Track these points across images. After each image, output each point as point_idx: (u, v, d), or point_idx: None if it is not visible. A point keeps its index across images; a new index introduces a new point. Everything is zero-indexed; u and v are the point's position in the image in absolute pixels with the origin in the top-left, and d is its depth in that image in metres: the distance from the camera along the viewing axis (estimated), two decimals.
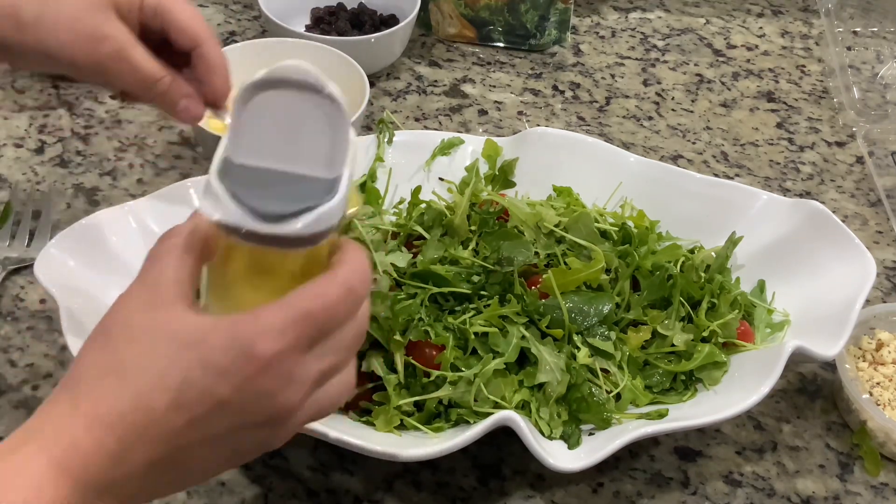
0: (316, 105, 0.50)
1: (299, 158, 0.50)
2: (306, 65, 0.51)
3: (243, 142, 0.50)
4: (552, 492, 0.74)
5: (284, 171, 0.50)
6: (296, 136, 0.50)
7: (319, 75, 0.51)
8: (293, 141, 0.50)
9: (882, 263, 0.94)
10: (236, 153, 0.50)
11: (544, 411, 0.71)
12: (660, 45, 1.20)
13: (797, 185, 1.02)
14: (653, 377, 0.75)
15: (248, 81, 0.51)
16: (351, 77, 0.99)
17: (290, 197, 0.49)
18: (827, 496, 0.76)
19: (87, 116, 1.02)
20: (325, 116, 0.50)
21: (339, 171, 0.50)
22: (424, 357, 0.71)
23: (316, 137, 0.50)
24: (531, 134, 0.89)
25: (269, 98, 0.51)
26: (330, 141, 0.50)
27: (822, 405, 0.82)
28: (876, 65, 1.16)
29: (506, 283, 0.75)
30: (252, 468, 0.74)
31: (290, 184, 0.50)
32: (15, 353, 0.80)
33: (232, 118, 0.51)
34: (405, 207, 0.85)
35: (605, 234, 0.81)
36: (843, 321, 0.74)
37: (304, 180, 0.50)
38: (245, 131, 0.50)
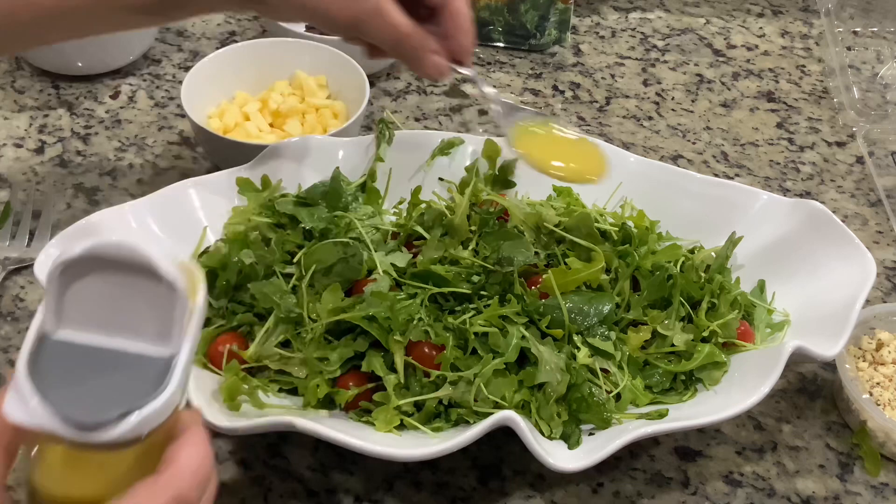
0: (146, 283, 0.46)
1: (128, 336, 0.46)
2: (132, 243, 0.46)
3: (63, 317, 0.46)
4: (552, 492, 0.74)
5: (110, 350, 0.46)
6: (124, 313, 0.46)
7: (149, 255, 0.46)
8: (121, 318, 0.46)
9: (882, 263, 0.94)
10: (55, 329, 0.46)
11: (544, 411, 0.71)
12: (660, 45, 1.20)
13: (797, 185, 1.02)
14: (653, 377, 0.75)
15: (65, 256, 0.46)
16: (351, 77, 0.99)
17: (111, 394, 0.44)
18: (827, 496, 0.76)
19: (87, 116, 1.02)
20: (158, 295, 0.46)
21: (175, 348, 0.46)
22: (424, 357, 0.71)
23: (147, 315, 0.46)
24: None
25: (92, 274, 0.46)
26: (163, 319, 0.46)
27: (822, 405, 0.82)
28: (876, 65, 1.16)
29: (506, 283, 0.75)
30: (252, 468, 0.74)
31: (115, 370, 0.45)
32: (15, 353, 0.80)
33: (47, 293, 0.46)
34: (405, 207, 0.85)
35: (605, 234, 0.81)
36: (843, 321, 0.74)
37: (134, 360, 0.46)
38: (65, 307, 0.46)
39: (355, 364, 0.72)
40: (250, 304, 0.76)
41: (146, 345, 0.46)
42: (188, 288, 0.47)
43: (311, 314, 0.74)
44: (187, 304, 0.47)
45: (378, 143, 0.87)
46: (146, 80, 1.07)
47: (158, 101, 1.05)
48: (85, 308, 0.46)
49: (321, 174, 0.84)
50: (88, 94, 1.04)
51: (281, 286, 0.75)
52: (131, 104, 1.04)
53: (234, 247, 0.78)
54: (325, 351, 0.72)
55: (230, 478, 0.73)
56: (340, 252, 0.76)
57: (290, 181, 0.84)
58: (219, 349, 0.73)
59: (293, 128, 0.96)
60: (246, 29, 1.15)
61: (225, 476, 0.73)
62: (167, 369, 0.46)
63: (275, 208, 0.81)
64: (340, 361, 0.72)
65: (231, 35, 1.14)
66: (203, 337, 0.74)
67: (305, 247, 0.78)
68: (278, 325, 0.74)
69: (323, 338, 0.73)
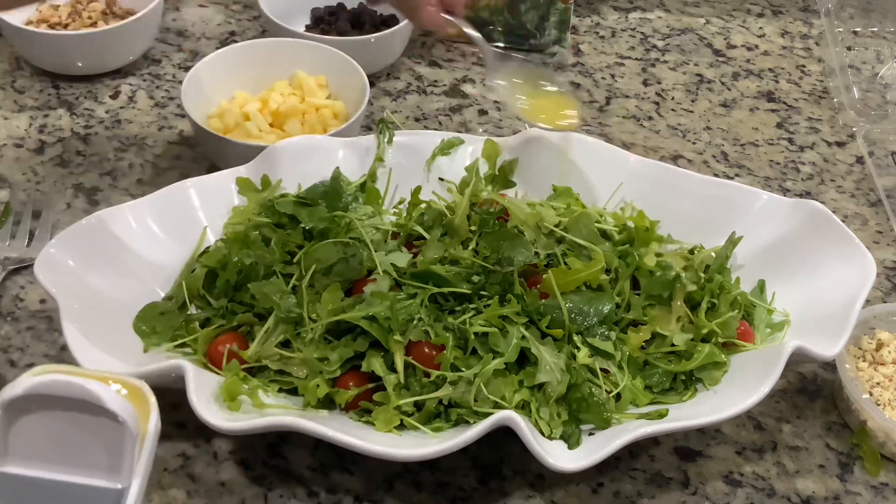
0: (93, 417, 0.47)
1: (77, 470, 0.46)
2: (76, 379, 0.47)
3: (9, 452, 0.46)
4: (552, 492, 0.74)
5: (60, 482, 0.46)
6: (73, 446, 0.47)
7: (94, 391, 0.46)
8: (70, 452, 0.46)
9: (882, 263, 0.94)
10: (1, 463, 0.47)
11: (544, 411, 0.71)
12: (660, 45, 1.20)
13: (797, 185, 1.02)
14: (653, 377, 0.75)
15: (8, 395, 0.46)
16: (351, 77, 0.99)
17: None
18: (827, 496, 0.76)
19: (87, 116, 1.02)
20: (106, 428, 0.47)
21: (126, 481, 0.47)
22: (424, 357, 0.71)
23: (97, 448, 0.47)
24: (531, 134, 0.89)
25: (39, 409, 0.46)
26: (113, 451, 0.47)
27: (822, 405, 0.82)
28: (876, 65, 1.16)
29: (506, 283, 0.75)
30: (252, 468, 0.74)
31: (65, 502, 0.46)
32: (15, 353, 0.80)
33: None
34: (405, 207, 0.85)
35: (606, 234, 0.81)
36: (843, 321, 0.74)
37: (85, 493, 0.46)
38: (10, 442, 0.46)
39: (355, 364, 0.72)
40: (250, 304, 0.76)
41: (96, 478, 0.46)
42: (139, 415, 0.48)
43: (311, 314, 0.74)
44: (137, 435, 0.47)
45: (378, 143, 0.87)
46: (146, 80, 1.07)
47: (158, 101, 1.05)
48: (32, 442, 0.46)
49: (321, 174, 0.84)
50: (88, 94, 1.04)
51: (281, 286, 0.75)
52: (131, 104, 1.04)
53: (234, 247, 0.78)
54: (325, 351, 0.72)
55: (230, 478, 0.73)
56: (340, 252, 0.76)
57: (290, 181, 0.84)
58: (219, 349, 0.73)
59: (293, 128, 0.96)
60: (246, 29, 1.15)
61: (225, 476, 0.73)
62: (118, 501, 0.46)
63: (275, 208, 0.81)
64: (340, 361, 0.72)
65: (231, 35, 1.14)
66: (203, 337, 0.74)
67: (305, 247, 0.78)
68: (278, 325, 0.74)
69: (323, 338, 0.73)
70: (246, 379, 0.71)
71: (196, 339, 0.75)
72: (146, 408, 0.49)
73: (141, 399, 0.49)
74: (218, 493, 0.72)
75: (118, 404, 0.47)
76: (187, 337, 0.75)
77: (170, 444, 0.74)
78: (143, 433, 0.48)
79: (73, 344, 0.69)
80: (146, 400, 0.50)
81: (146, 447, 0.48)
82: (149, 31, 1.07)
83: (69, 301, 0.72)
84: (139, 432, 0.48)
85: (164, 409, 0.76)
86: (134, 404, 0.49)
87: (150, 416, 0.49)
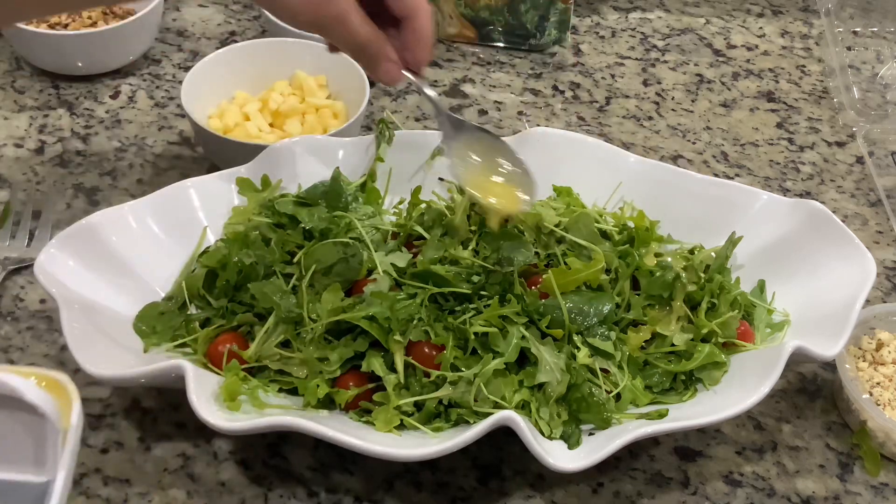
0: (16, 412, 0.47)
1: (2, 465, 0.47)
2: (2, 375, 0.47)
3: None
4: (552, 492, 0.74)
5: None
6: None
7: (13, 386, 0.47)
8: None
9: (882, 263, 0.94)
10: None
11: (544, 411, 0.71)
12: (660, 45, 1.20)
13: (797, 185, 1.02)
14: (653, 377, 0.75)
15: None
16: (351, 77, 0.99)
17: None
18: (827, 496, 0.76)
19: (87, 116, 1.02)
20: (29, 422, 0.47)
21: (51, 474, 0.47)
22: (424, 357, 0.71)
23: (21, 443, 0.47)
24: (531, 134, 0.89)
25: None
26: (38, 445, 0.47)
27: (822, 405, 0.82)
28: (876, 65, 1.16)
29: (506, 283, 0.75)
30: (252, 468, 0.74)
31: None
32: (15, 353, 0.80)
33: None
34: (405, 207, 0.85)
35: (606, 234, 0.81)
36: (843, 321, 0.74)
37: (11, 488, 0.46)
38: None
39: (355, 364, 0.72)
40: (250, 304, 0.76)
41: (21, 472, 0.46)
42: (61, 409, 0.47)
43: (311, 314, 0.74)
44: (59, 429, 0.47)
45: (378, 143, 0.87)
46: (146, 80, 1.07)
47: (158, 101, 1.05)
48: None
49: (321, 174, 0.84)
50: (88, 94, 1.04)
51: (281, 286, 0.75)
52: (131, 104, 1.04)
53: (234, 247, 0.78)
54: (325, 351, 0.72)
55: (230, 478, 0.73)
56: (340, 252, 0.76)
57: (290, 181, 0.84)
58: (219, 349, 0.73)
59: (293, 128, 0.96)
60: (246, 29, 1.15)
61: (225, 476, 0.73)
62: (44, 495, 0.46)
63: (275, 208, 0.81)
64: (340, 361, 0.72)
65: (231, 35, 1.14)
66: (203, 337, 0.74)
67: (305, 247, 0.78)
68: (278, 325, 0.74)
69: (323, 338, 0.73)
70: (246, 379, 0.71)
71: (196, 339, 0.75)
72: (68, 400, 0.49)
73: (62, 392, 0.49)
74: (218, 493, 0.72)
75: (38, 397, 0.47)
76: (187, 337, 0.75)
77: (170, 444, 0.74)
78: (66, 426, 0.48)
79: (72, 344, 0.69)
80: (68, 393, 0.50)
81: (70, 440, 0.48)
82: (149, 31, 1.07)
83: (69, 301, 0.72)
84: (62, 425, 0.48)
85: (165, 409, 0.76)
86: (55, 397, 0.48)
87: (72, 408, 0.49)
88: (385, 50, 0.72)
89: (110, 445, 0.74)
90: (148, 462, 0.73)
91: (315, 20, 0.69)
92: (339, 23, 0.69)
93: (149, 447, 0.74)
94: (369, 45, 0.71)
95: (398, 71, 0.73)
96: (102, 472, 0.72)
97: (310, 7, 0.68)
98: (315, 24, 0.69)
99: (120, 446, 0.74)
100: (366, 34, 0.70)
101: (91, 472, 0.72)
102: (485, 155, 0.78)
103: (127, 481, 0.72)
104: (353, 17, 0.69)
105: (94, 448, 0.74)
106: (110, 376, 0.69)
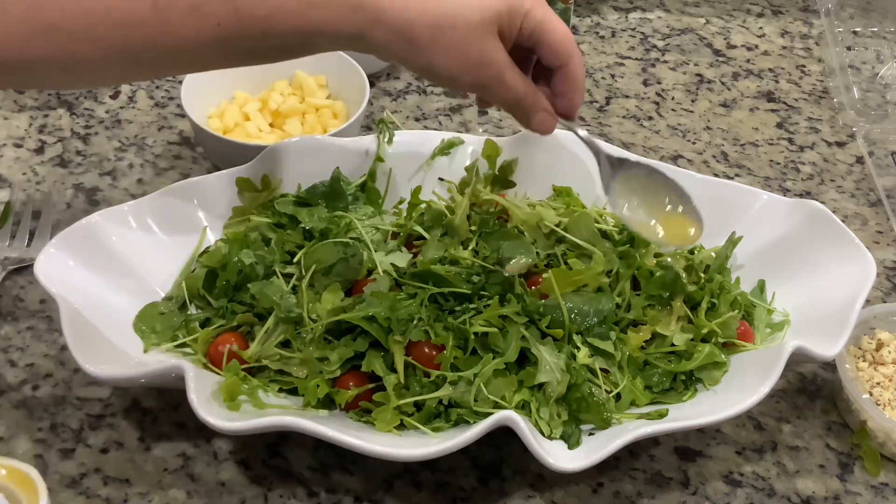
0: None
1: None
2: None
3: None
4: (552, 492, 0.74)
5: None
6: None
7: None
8: None
9: (882, 263, 0.94)
10: None
11: (544, 411, 0.71)
12: (660, 45, 1.20)
13: (797, 185, 1.02)
14: (653, 377, 0.75)
15: None
16: (351, 77, 0.99)
17: None
18: (827, 496, 0.76)
19: (87, 116, 1.02)
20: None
21: None
22: (424, 357, 0.71)
23: None
24: (531, 134, 0.88)
25: None
26: None
27: (822, 405, 0.82)
28: (876, 65, 1.16)
29: (506, 283, 0.75)
30: (252, 468, 0.74)
31: None
32: (15, 353, 0.80)
33: None
34: (405, 207, 0.85)
35: (606, 234, 0.81)
36: (843, 321, 0.74)
37: None
38: None
39: (355, 364, 0.72)
40: (250, 304, 0.76)
41: None
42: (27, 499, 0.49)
43: (311, 314, 0.74)
44: None
45: (378, 143, 0.87)
46: (146, 80, 1.07)
47: (158, 101, 1.05)
48: None
49: (321, 174, 0.84)
50: (88, 94, 1.04)
51: (281, 286, 0.76)
52: (131, 104, 1.04)
53: (234, 247, 0.78)
54: (325, 351, 0.72)
55: (230, 478, 0.73)
56: (340, 252, 0.76)
57: (290, 181, 0.84)
58: (219, 349, 0.73)
59: (293, 128, 0.96)
60: None
61: (225, 476, 0.73)
62: None
63: (275, 208, 0.81)
64: (340, 361, 0.72)
65: None
66: (203, 337, 0.74)
67: (305, 247, 0.78)
68: (278, 325, 0.74)
69: (323, 338, 0.73)
70: (246, 379, 0.71)
71: (196, 339, 0.75)
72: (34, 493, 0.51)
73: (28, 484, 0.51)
74: (218, 493, 0.72)
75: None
76: (187, 337, 0.75)
77: (170, 444, 0.74)
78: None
79: (73, 344, 0.69)
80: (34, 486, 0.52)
81: None
82: None
83: (69, 301, 0.72)
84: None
85: (165, 409, 0.76)
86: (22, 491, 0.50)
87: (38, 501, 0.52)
88: (540, 101, 0.72)
89: (110, 445, 0.74)
90: (148, 462, 0.73)
91: (477, 84, 0.70)
92: (497, 82, 0.70)
93: (149, 447, 0.74)
94: (525, 98, 0.71)
95: (553, 121, 0.73)
96: (102, 472, 0.72)
97: (469, 73, 0.69)
98: (476, 88, 0.71)
99: (120, 446, 0.74)
100: (521, 89, 0.71)
101: (91, 472, 0.72)
102: (647, 192, 0.75)
103: (127, 481, 0.72)
104: (509, 75, 0.70)
105: (94, 448, 0.74)
106: (110, 376, 0.69)
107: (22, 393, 0.77)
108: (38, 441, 0.74)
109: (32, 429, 0.74)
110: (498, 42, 0.68)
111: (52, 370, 0.79)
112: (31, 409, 0.76)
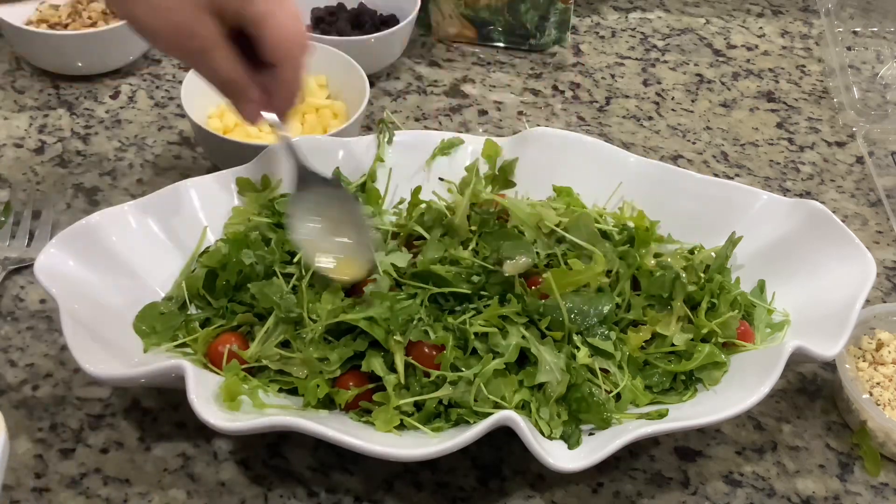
0: None
1: None
2: None
3: None
4: (552, 492, 0.74)
5: None
6: None
7: None
8: None
9: (882, 263, 0.94)
10: None
11: (544, 411, 0.71)
12: (660, 45, 1.20)
13: (797, 185, 1.02)
14: (653, 377, 0.75)
15: None
16: (351, 77, 0.99)
17: None
18: (827, 496, 0.76)
19: (87, 116, 1.02)
20: None
21: None
22: (424, 357, 0.71)
23: None
24: (531, 134, 0.89)
25: None
26: None
27: (822, 405, 0.82)
28: (876, 65, 1.16)
29: (506, 283, 0.75)
30: (252, 468, 0.74)
31: None
32: (15, 353, 0.80)
33: None
34: (405, 207, 0.85)
35: (606, 234, 0.81)
36: (843, 321, 0.74)
37: None
38: None
39: (355, 364, 0.72)
40: (250, 304, 0.76)
41: None
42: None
43: (311, 314, 0.74)
44: None
45: (378, 143, 0.87)
46: (146, 80, 1.07)
47: (158, 101, 1.05)
48: None
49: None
50: (88, 94, 1.04)
51: (281, 286, 0.75)
52: (131, 104, 1.04)
53: (234, 247, 0.78)
54: (325, 351, 0.72)
55: (230, 478, 0.73)
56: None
57: (291, 181, 0.84)
58: (219, 349, 0.73)
59: (293, 128, 0.96)
60: None
61: (225, 476, 0.73)
62: None
63: (275, 208, 0.81)
64: (340, 361, 0.72)
65: None
66: (203, 337, 0.74)
67: None
68: (278, 325, 0.74)
69: (323, 338, 0.73)
70: (246, 379, 0.71)
71: (196, 339, 0.75)
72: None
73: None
74: (218, 493, 0.72)
75: None
76: (187, 337, 0.75)
77: (170, 444, 0.74)
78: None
79: (73, 344, 0.69)
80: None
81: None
82: None
83: (69, 301, 0.72)
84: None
85: (165, 409, 0.76)
86: None
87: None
88: (248, 91, 0.73)
89: (110, 445, 0.74)
90: (148, 462, 0.73)
91: (179, 52, 0.70)
92: (203, 57, 0.69)
93: (149, 447, 0.74)
94: (231, 83, 0.72)
95: (258, 113, 0.74)
96: (102, 472, 0.72)
97: (169, 39, 0.68)
98: (180, 55, 0.71)
99: (120, 446, 0.74)
100: (228, 73, 0.71)
101: (91, 472, 0.72)
102: (329, 215, 0.77)
103: (127, 481, 0.72)
104: (216, 54, 0.70)
105: (94, 448, 0.74)
106: (110, 376, 0.69)
107: (22, 393, 0.77)
108: (38, 441, 0.74)
109: (32, 429, 0.75)
110: (207, 17, 0.68)
111: (52, 370, 0.79)
112: (31, 409, 0.76)
